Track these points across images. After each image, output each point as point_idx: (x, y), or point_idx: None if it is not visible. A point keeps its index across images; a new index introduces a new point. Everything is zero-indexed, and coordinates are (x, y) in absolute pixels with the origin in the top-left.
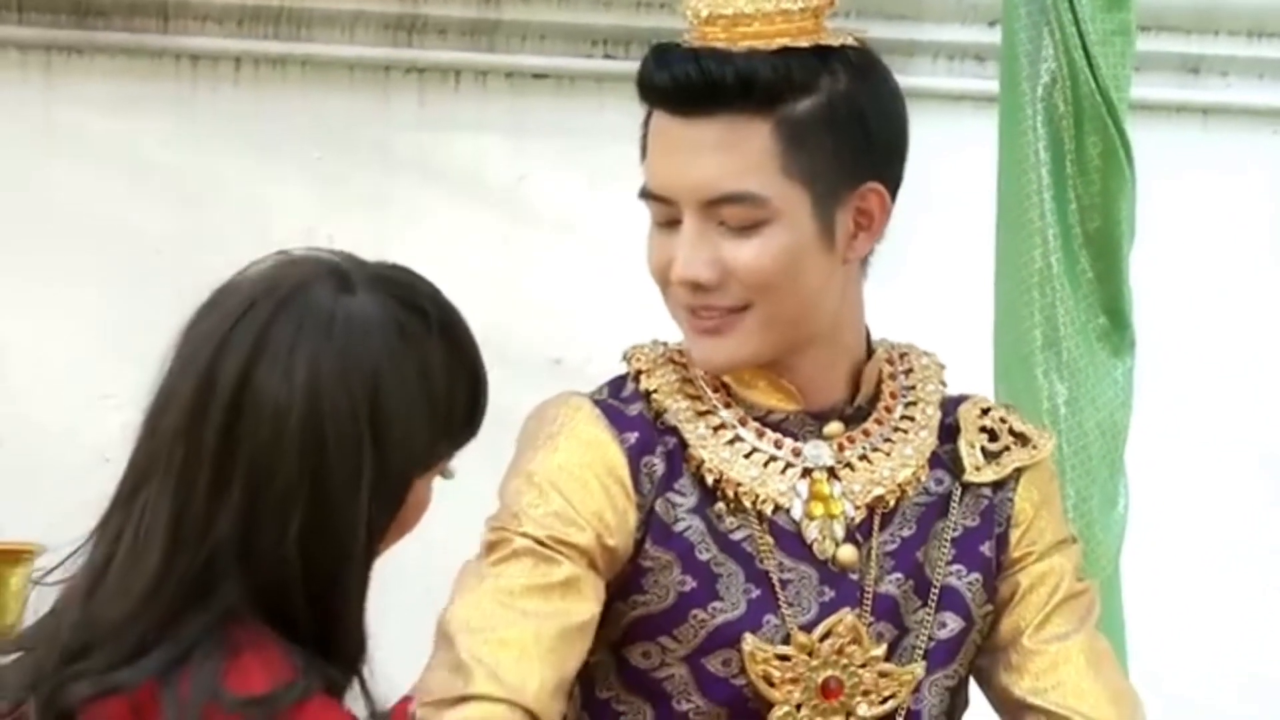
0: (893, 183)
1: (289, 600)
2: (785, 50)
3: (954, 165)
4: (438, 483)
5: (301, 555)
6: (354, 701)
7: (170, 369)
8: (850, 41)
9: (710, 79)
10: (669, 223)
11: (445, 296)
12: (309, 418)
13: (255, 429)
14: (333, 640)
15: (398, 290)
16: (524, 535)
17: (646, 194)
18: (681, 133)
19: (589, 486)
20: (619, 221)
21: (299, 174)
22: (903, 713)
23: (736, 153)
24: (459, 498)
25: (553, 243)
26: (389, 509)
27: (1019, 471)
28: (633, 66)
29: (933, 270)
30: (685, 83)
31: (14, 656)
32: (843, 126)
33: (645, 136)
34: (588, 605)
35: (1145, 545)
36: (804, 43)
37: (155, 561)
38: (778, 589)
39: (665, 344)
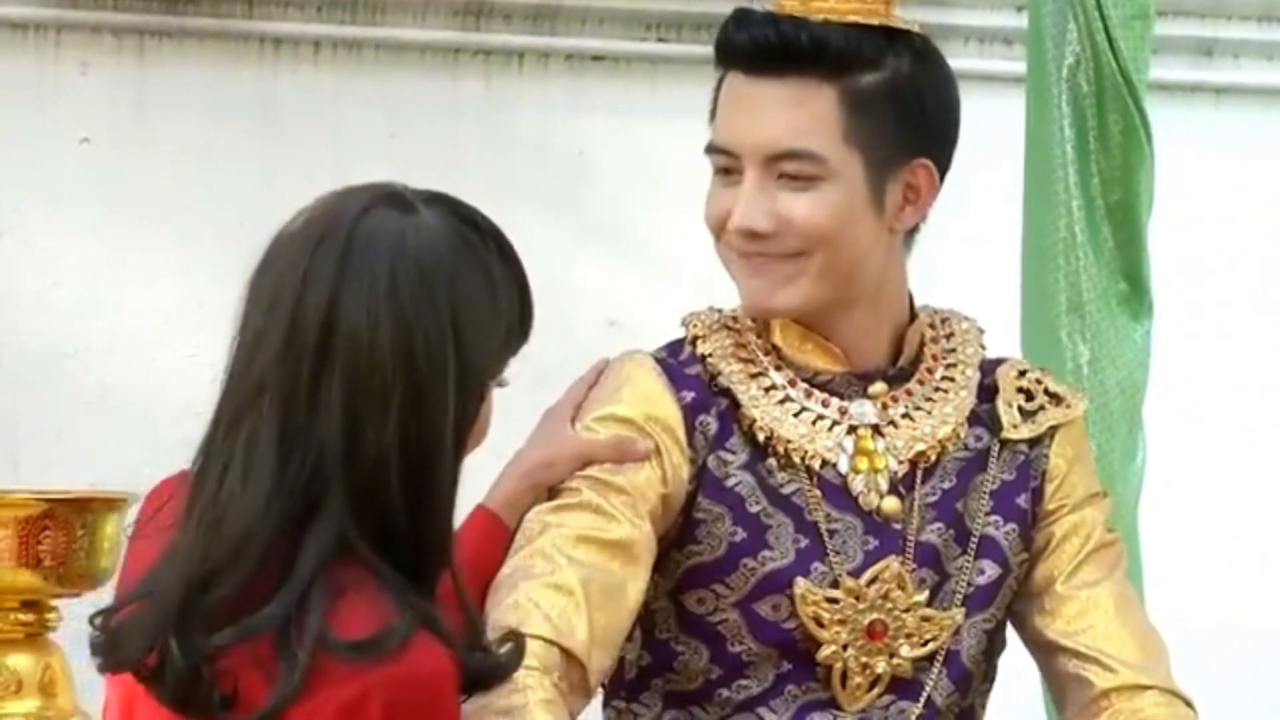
0: (942, 163)
1: (388, 501)
2: (856, 25)
3: (984, 142)
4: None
5: (399, 451)
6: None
7: (251, 313)
8: (915, 29)
9: (785, 41)
10: (730, 177)
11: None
12: (397, 324)
13: (349, 343)
14: (425, 544)
15: (452, 206)
16: (587, 478)
17: (712, 148)
18: (753, 91)
19: (648, 438)
20: (669, 193)
21: (372, 150)
22: (942, 654)
23: (802, 112)
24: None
25: (608, 213)
26: (472, 407)
27: (1054, 429)
28: (685, 49)
29: (964, 239)
30: (763, 43)
31: (130, 609)
32: (902, 103)
33: (715, 100)
34: (638, 571)
35: (1162, 496)
36: (873, 22)
37: (267, 477)
38: (826, 538)
39: (720, 310)
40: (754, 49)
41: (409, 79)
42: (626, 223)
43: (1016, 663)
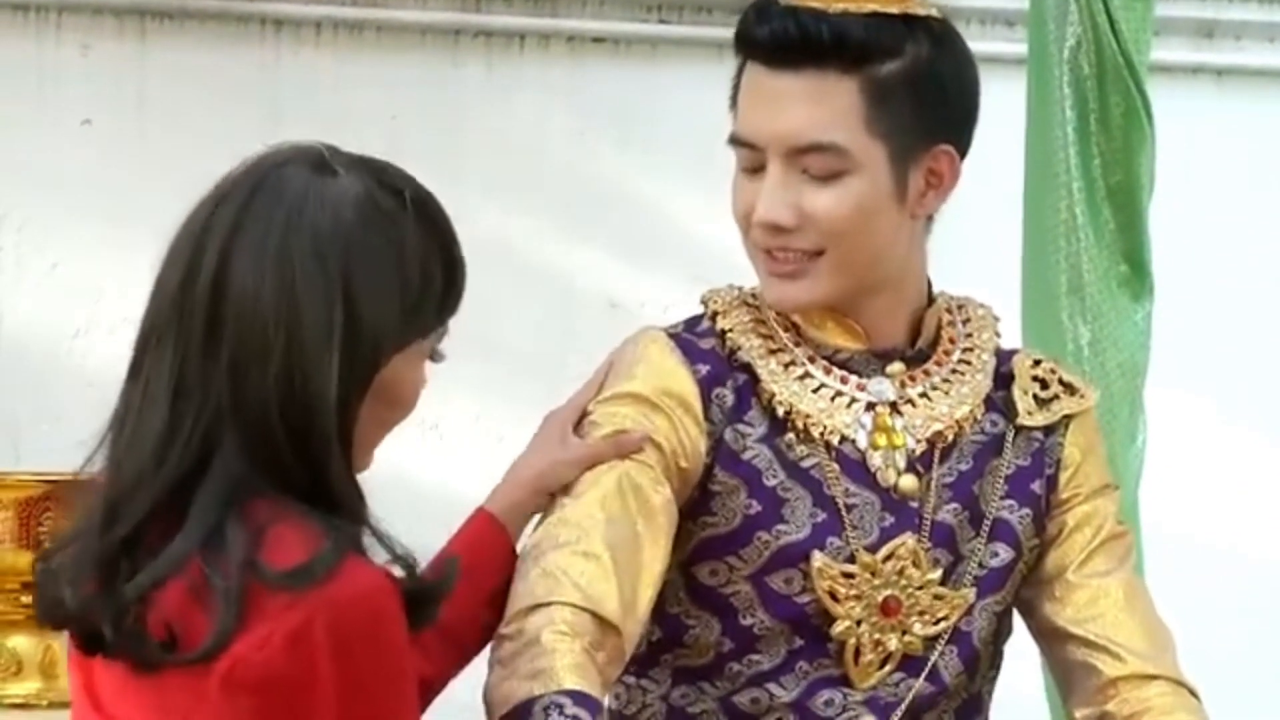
0: (963, 146)
1: (276, 450)
2: (875, 15)
3: (985, 123)
4: (508, 421)
5: (279, 404)
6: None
7: (164, 259)
8: (934, 14)
9: (806, 35)
10: (754, 169)
11: (422, 185)
12: (281, 282)
13: (237, 296)
14: (326, 493)
15: (373, 172)
16: None
17: (735, 140)
18: (774, 84)
19: (663, 412)
20: (670, 174)
21: (375, 133)
22: (949, 633)
23: (824, 106)
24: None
25: (609, 195)
26: (362, 371)
27: (1068, 419)
28: (686, 31)
29: (964, 221)
30: (783, 37)
31: (65, 553)
32: (923, 90)
33: (736, 88)
34: (662, 535)
35: (1162, 478)
36: (893, 10)
37: (162, 417)
38: (843, 513)
39: (740, 287)
40: (773, 43)
41: (410, 61)
42: (627, 204)
43: (1020, 647)
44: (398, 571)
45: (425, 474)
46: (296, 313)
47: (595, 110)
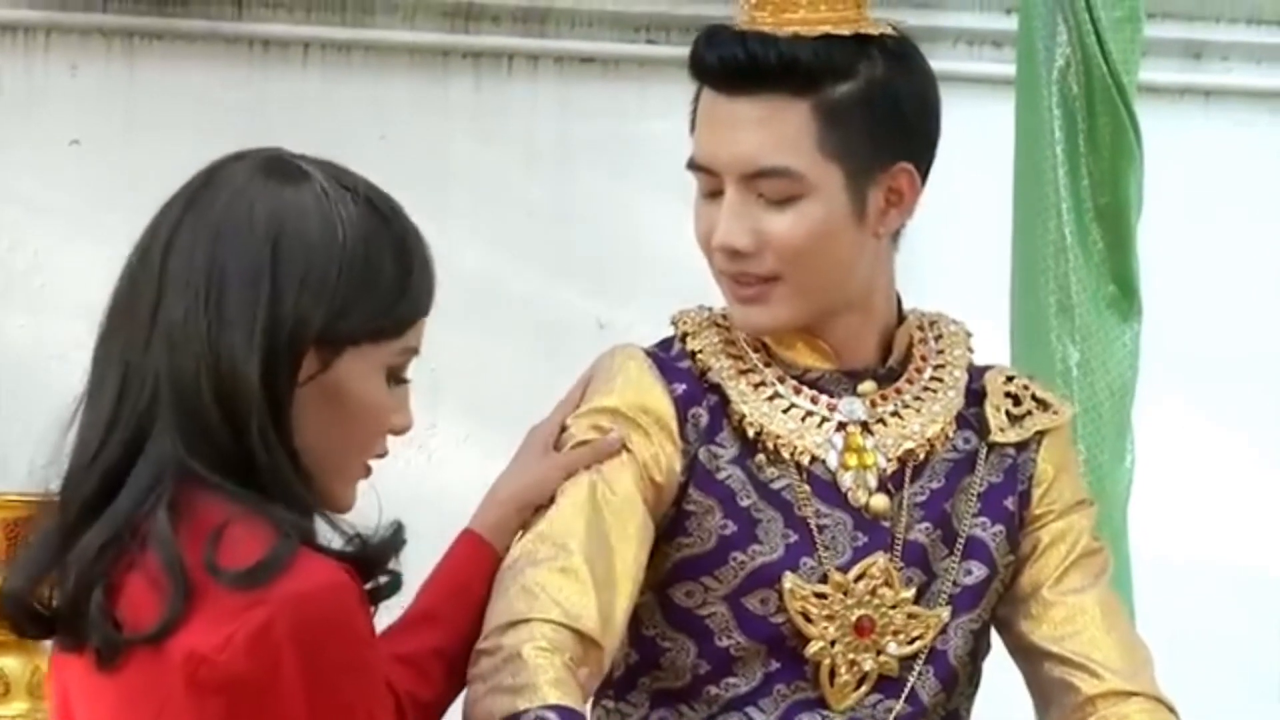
0: (924, 163)
1: (207, 429)
2: (827, 36)
3: (974, 144)
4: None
5: (208, 380)
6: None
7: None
8: (889, 31)
9: (755, 60)
10: (713, 194)
11: (380, 189)
12: (214, 253)
13: (176, 272)
14: (265, 479)
15: (327, 168)
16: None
17: (693, 165)
18: (727, 109)
19: (640, 428)
20: (658, 194)
21: (362, 152)
22: (925, 653)
23: (776, 130)
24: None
25: (598, 214)
26: (284, 352)
27: (1040, 434)
28: (674, 51)
29: (954, 242)
30: (732, 63)
31: (25, 555)
32: (878, 110)
33: (695, 111)
34: (639, 548)
35: (1151, 498)
36: (845, 30)
37: (108, 408)
38: (815, 534)
39: (710, 309)
40: (724, 68)
41: (398, 81)
42: (616, 224)
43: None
44: (350, 548)
45: (415, 494)
46: (223, 287)
47: (584, 130)
